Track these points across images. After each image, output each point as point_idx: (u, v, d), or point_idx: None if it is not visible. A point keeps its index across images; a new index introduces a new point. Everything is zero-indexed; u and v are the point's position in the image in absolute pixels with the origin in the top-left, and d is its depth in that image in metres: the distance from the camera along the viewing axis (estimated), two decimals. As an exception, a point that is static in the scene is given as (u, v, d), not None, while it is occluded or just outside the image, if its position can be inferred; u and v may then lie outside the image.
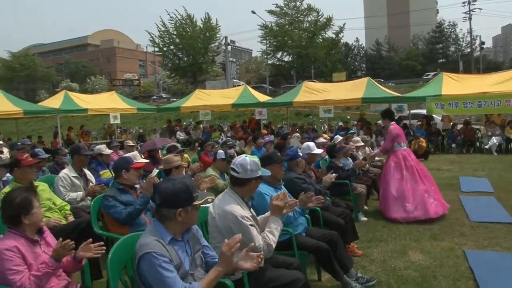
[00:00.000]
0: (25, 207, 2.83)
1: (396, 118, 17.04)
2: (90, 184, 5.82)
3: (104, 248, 2.98)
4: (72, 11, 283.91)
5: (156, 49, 52.85)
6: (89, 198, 5.55)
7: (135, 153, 6.14)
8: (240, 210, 3.24)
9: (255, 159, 3.43)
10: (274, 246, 3.31)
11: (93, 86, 64.68)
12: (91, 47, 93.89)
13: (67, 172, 5.67)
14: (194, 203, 2.58)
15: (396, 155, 7.13)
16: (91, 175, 6.19)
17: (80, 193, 5.56)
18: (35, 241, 2.88)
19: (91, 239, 2.98)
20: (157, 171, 5.97)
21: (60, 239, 2.86)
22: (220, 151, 6.63)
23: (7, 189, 4.42)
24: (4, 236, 2.84)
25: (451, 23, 64.32)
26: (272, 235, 3.32)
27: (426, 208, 6.71)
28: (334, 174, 5.76)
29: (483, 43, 54.91)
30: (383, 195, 7.17)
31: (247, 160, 3.37)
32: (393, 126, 7.19)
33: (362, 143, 9.09)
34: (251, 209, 3.49)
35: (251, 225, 3.21)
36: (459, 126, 17.95)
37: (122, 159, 4.71)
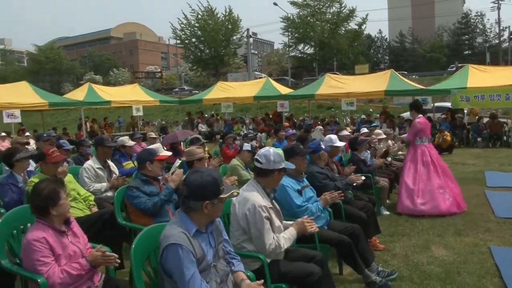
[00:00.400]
0: (53, 199, 2.87)
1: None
2: (113, 175, 5.91)
3: (118, 261, 2.95)
4: (96, 4, 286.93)
5: (178, 41, 53.11)
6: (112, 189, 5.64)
7: (158, 145, 6.19)
8: (259, 199, 3.27)
9: (279, 151, 3.46)
10: (281, 252, 3.31)
11: (116, 78, 65.38)
12: (113, 40, 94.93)
13: (91, 164, 5.77)
14: (221, 196, 2.59)
15: (415, 149, 7.08)
16: (114, 166, 6.27)
17: (105, 184, 5.67)
18: (63, 232, 2.93)
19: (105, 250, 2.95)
20: (179, 162, 6.03)
21: (101, 246, 2.91)
22: (247, 144, 6.77)
23: (34, 179, 4.51)
24: (33, 226, 2.89)
25: (478, 13, 62.64)
26: (285, 241, 3.33)
27: (437, 204, 6.67)
28: (363, 177, 5.61)
29: None
30: (398, 187, 7.25)
31: (271, 151, 3.42)
32: (419, 120, 7.04)
33: (384, 136, 8.98)
34: (274, 201, 3.50)
35: (267, 217, 3.23)
36: (485, 120, 17.55)
37: (146, 151, 4.74)
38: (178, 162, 6.15)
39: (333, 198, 4.32)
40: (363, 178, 5.60)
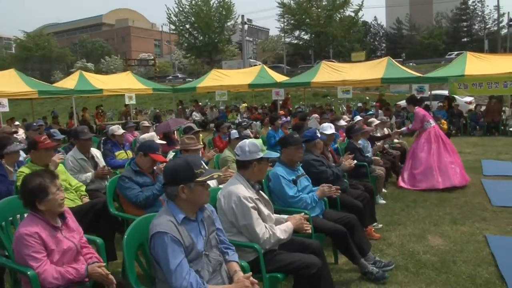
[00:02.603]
0: (38, 193, 2.78)
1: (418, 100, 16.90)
2: (99, 166, 5.82)
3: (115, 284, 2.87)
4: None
5: (172, 28, 52.75)
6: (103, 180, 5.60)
7: (153, 133, 6.16)
8: (244, 191, 3.28)
9: (256, 141, 3.46)
10: (276, 242, 3.31)
11: (108, 66, 64.92)
12: (105, 27, 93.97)
13: (73, 155, 5.66)
14: (197, 179, 2.59)
15: (427, 132, 8.02)
16: (99, 156, 6.13)
17: (89, 174, 5.56)
18: (57, 227, 2.86)
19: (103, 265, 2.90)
20: (174, 153, 6.00)
21: (104, 265, 2.87)
22: (234, 131, 6.62)
23: (24, 169, 4.47)
24: (26, 219, 2.83)
25: (477, -1, 62.41)
26: (281, 232, 3.34)
27: (450, 177, 7.62)
28: (354, 161, 5.71)
29: (511, 20, 51.35)
30: (411, 168, 7.99)
31: (246, 142, 3.44)
32: (418, 109, 8.17)
33: (377, 121, 8.97)
34: (261, 192, 3.52)
35: (253, 207, 3.24)
36: (483, 108, 17.57)
37: (149, 143, 4.69)
38: (172, 153, 6.13)
39: (331, 192, 4.35)
40: (354, 161, 5.66)
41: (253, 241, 3.23)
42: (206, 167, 2.71)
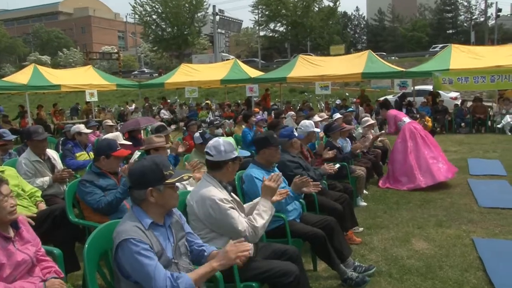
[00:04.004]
0: None
1: (400, 95, 17.16)
2: (56, 168, 5.66)
3: None
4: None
5: (137, 18, 52.23)
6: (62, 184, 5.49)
7: (118, 133, 6.07)
8: (218, 193, 3.27)
9: (230, 139, 3.49)
10: (262, 230, 3.32)
11: (66, 59, 63.86)
12: (62, 16, 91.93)
13: (27, 157, 5.46)
14: (167, 181, 2.58)
15: (402, 131, 8.19)
16: (56, 158, 5.94)
17: (47, 178, 5.40)
18: (8, 238, 2.75)
19: None
20: (139, 153, 5.93)
21: (62, 283, 2.80)
22: (197, 134, 6.33)
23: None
24: None
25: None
26: (260, 217, 3.33)
27: (433, 174, 7.75)
28: (337, 165, 5.72)
29: (499, 10, 52.17)
30: (392, 170, 8.18)
31: (220, 141, 3.43)
32: (389, 112, 8.57)
33: (372, 121, 9.12)
34: (233, 194, 3.51)
35: (231, 207, 3.24)
36: (469, 104, 17.85)
37: (106, 142, 4.60)
38: (137, 154, 6.05)
39: (309, 187, 4.30)
40: (337, 165, 5.68)
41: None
42: (175, 168, 2.70)
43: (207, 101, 24.95)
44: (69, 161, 6.83)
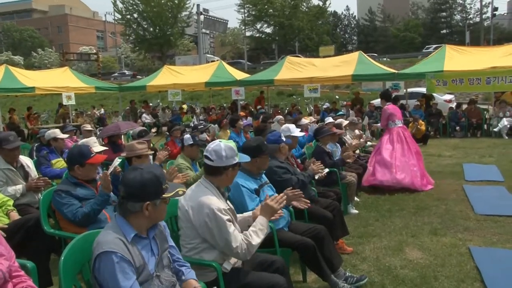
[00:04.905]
0: None
1: (393, 97, 17.22)
2: (30, 176, 5.56)
3: None
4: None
5: (118, 16, 52.08)
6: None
7: (90, 139, 6.01)
8: (217, 202, 3.23)
9: (231, 144, 3.41)
10: (255, 249, 3.29)
11: (41, 60, 63.36)
12: (36, 13, 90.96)
13: None
14: (164, 195, 2.57)
15: (390, 131, 8.51)
16: (30, 165, 5.82)
17: (20, 187, 5.29)
18: None
19: None
20: (120, 160, 5.88)
21: None
22: (187, 135, 6.38)
23: None
24: None
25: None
26: (256, 235, 3.28)
27: (412, 179, 8.07)
28: (326, 170, 5.75)
29: (495, 9, 51.21)
30: (372, 162, 8.41)
31: (222, 145, 3.35)
32: (387, 106, 8.65)
33: (346, 122, 9.11)
34: (228, 201, 3.49)
35: (229, 220, 3.21)
36: (464, 106, 17.88)
37: (77, 150, 4.46)
38: (117, 160, 6.01)
39: (295, 197, 4.29)
40: (326, 170, 5.69)
41: (231, 256, 3.23)
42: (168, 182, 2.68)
43: (183, 105, 24.75)
44: (44, 170, 6.75)
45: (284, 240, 4.09)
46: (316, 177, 5.54)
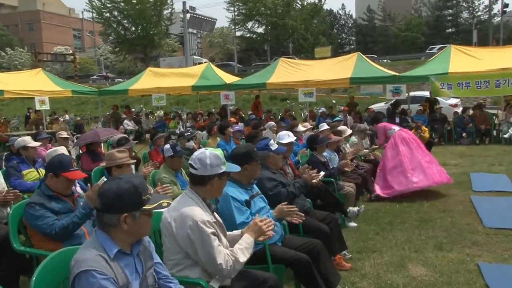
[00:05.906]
0: None
1: (393, 102, 17.25)
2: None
3: None
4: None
5: (96, 15, 51.98)
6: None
7: (61, 147, 5.94)
8: (201, 214, 3.22)
9: (218, 152, 3.41)
10: (240, 266, 3.29)
11: (11, 61, 63.09)
12: (5, 9, 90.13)
13: None
14: (144, 207, 2.55)
15: (393, 138, 8.83)
16: None
17: None
18: None
19: None
20: (105, 179, 5.83)
21: None
22: (167, 146, 6.28)
23: None
24: None
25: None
26: (242, 254, 3.29)
27: (427, 176, 8.32)
28: (322, 173, 5.76)
29: (506, 5, 50.12)
30: (381, 175, 8.65)
31: (207, 153, 3.37)
32: (376, 125, 9.74)
33: (349, 132, 9.09)
34: (215, 214, 3.48)
35: (213, 233, 3.21)
36: (471, 112, 17.76)
37: (58, 159, 4.42)
38: (104, 179, 5.96)
39: (290, 213, 4.30)
40: (322, 173, 5.68)
41: (214, 273, 3.21)
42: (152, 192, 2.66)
43: (158, 112, 24.54)
44: (14, 182, 6.67)
45: (277, 255, 4.08)
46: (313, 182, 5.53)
